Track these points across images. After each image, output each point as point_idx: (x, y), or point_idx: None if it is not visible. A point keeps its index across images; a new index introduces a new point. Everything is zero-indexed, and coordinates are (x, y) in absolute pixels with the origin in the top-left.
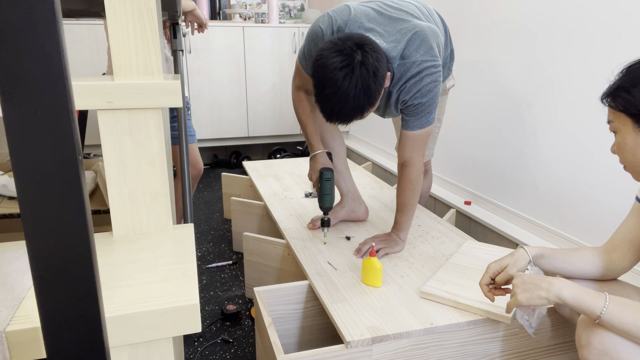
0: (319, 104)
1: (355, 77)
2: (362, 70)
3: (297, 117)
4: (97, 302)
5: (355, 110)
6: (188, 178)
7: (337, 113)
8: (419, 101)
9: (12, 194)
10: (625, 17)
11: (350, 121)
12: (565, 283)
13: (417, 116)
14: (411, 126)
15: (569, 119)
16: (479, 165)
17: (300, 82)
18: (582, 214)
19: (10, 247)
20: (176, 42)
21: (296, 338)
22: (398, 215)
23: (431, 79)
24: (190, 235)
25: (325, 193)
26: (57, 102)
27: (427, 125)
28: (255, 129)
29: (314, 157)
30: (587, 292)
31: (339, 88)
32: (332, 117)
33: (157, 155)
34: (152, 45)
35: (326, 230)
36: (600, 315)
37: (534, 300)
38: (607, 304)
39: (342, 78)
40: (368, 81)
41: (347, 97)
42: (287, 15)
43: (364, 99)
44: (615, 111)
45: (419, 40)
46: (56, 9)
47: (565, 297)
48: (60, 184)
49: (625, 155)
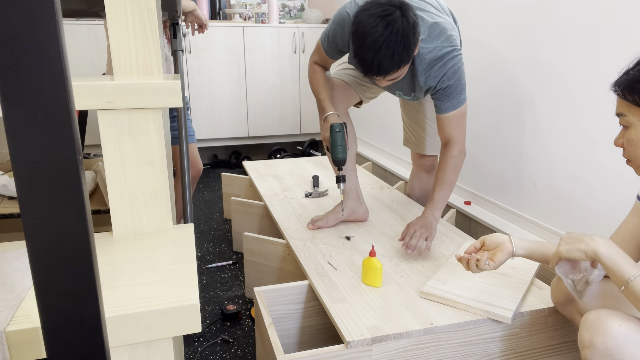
0: (358, 57)
1: (397, 26)
2: (403, 21)
3: (312, 86)
4: (97, 302)
5: (394, 60)
6: (188, 178)
7: (378, 63)
8: (447, 84)
9: (12, 194)
10: (627, 15)
11: (389, 72)
12: (606, 242)
13: (448, 99)
14: (444, 109)
15: (569, 118)
16: (479, 165)
17: (319, 59)
18: (582, 214)
19: (10, 247)
20: (176, 42)
21: (296, 338)
22: (436, 193)
23: (453, 62)
24: (190, 235)
25: (336, 144)
26: (57, 102)
27: (459, 106)
28: (255, 129)
29: (325, 118)
30: (624, 257)
31: (380, 36)
32: (371, 68)
33: (157, 155)
34: (152, 45)
35: (342, 187)
36: (628, 281)
37: (572, 253)
38: (638, 274)
39: (383, 27)
40: (407, 32)
41: (388, 46)
42: (287, 15)
43: (403, 51)
44: (631, 105)
45: (438, 30)
46: (56, 9)
47: (602, 253)
48: (60, 184)
49: (636, 151)
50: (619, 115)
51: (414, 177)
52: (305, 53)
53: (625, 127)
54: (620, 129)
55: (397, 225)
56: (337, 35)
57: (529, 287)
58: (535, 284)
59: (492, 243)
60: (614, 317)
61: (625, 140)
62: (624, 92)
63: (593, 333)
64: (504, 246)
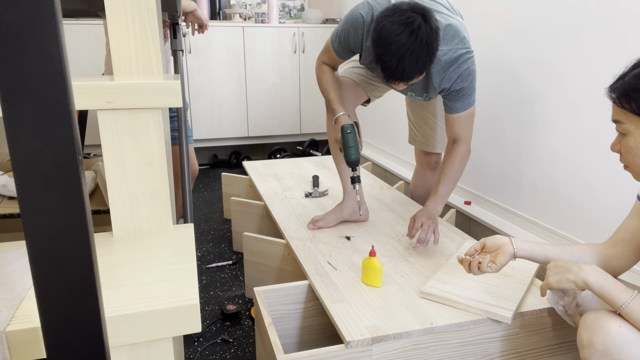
0: (381, 63)
1: (422, 33)
2: (426, 28)
3: (321, 86)
4: (97, 302)
5: (418, 67)
6: (188, 178)
7: (402, 70)
8: (461, 86)
9: (12, 194)
10: (626, 15)
11: (411, 79)
12: (595, 270)
13: (460, 100)
14: (455, 109)
15: (569, 118)
16: (479, 165)
17: (328, 60)
18: (582, 214)
19: (10, 247)
20: (176, 42)
21: (296, 338)
22: (440, 186)
23: (467, 64)
24: (190, 235)
25: (348, 146)
26: (57, 102)
27: (470, 107)
28: (255, 129)
29: (336, 120)
30: (614, 284)
31: (405, 43)
32: (394, 74)
33: (157, 155)
34: (152, 45)
35: (358, 187)
36: (621, 308)
37: (562, 283)
38: (630, 300)
39: (408, 34)
40: (431, 39)
41: (412, 53)
42: (287, 15)
43: (426, 57)
44: (628, 113)
45: (452, 32)
46: (56, 9)
47: (591, 283)
48: (60, 184)
49: (635, 159)
50: (616, 122)
51: (417, 175)
52: (305, 53)
53: (622, 134)
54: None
55: (397, 225)
56: (350, 36)
57: (529, 287)
58: (535, 284)
59: (493, 245)
60: (614, 318)
61: (622, 147)
62: (620, 99)
63: (592, 333)
64: (505, 248)
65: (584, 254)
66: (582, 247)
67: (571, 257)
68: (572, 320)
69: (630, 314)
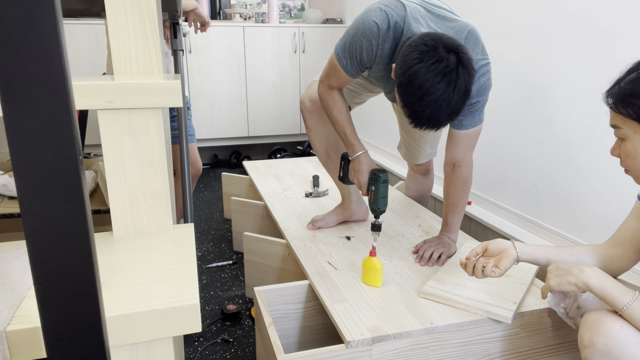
0: (413, 110)
1: (460, 83)
2: (464, 74)
3: (332, 118)
4: (97, 302)
5: (452, 116)
6: (188, 178)
7: (435, 119)
8: (476, 100)
9: (12, 194)
10: (627, 15)
11: (442, 126)
12: (596, 272)
13: (472, 115)
14: (465, 125)
15: (569, 118)
16: (479, 165)
17: (336, 82)
18: (582, 214)
19: (10, 247)
20: (176, 42)
21: (296, 338)
22: (450, 217)
23: (486, 77)
24: (190, 235)
25: (381, 196)
26: (57, 102)
27: (479, 123)
28: (256, 128)
29: (356, 159)
30: (615, 286)
31: (443, 94)
32: (427, 123)
33: (157, 155)
34: (152, 45)
35: (376, 235)
36: (622, 310)
37: (563, 286)
38: (631, 301)
39: (446, 85)
40: (469, 85)
41: (449, 104)
42: (287, 15)
43: (462, 104)
44: (626, 118)
45: (473, 39)
46: (56, 9)
47: (593, 285)
48: (60, 184)
49: (634, 163)
50: (614, 127)
51: (410, 178)
52: (306, 53)
53: (621, 139)
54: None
55: (397, 225)
56: (363, 49)
57: (529, 287)
58: (535, 284)
59: (496, 249)
60: (616, 318)
61: (622, 152)
62: (616, 105)
63: (594, 333)
64: (508, 252)
65: (585, 256)
66: (582, 249)
67: (571, 258)
68: (573, 322)
69: (631, 315)
